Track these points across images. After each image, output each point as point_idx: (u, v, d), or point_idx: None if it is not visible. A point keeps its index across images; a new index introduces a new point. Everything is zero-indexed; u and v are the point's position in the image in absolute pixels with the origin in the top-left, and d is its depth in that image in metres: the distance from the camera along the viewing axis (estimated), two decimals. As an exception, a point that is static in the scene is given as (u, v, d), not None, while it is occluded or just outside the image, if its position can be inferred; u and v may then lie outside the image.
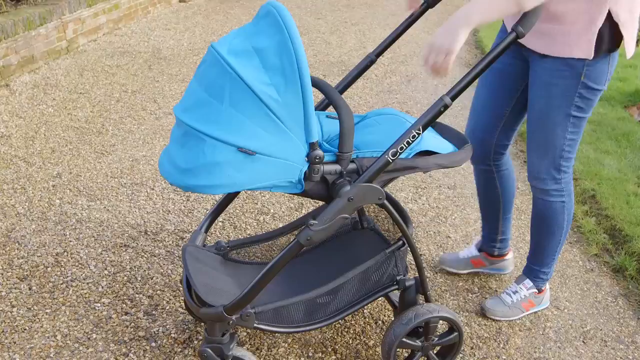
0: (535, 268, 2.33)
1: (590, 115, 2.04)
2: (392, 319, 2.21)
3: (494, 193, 2.36)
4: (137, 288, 2.39)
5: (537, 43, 1.97)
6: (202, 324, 2.19)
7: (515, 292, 2.35)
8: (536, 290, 2.35)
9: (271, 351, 2.12)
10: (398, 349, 1.93)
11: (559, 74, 1.93)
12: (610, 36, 1.86)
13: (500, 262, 2.53)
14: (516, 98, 2.16)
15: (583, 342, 2.30)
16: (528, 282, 2.35)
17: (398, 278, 1.93)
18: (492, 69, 2.14)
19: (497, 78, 2.16)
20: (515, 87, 2.13)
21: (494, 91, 2.18)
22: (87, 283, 2.41)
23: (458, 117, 4.29)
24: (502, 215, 2.41)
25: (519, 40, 2.02)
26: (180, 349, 2.10)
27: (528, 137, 2.12)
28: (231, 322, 1.75)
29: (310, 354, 2.13)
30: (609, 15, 1.82)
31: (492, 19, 1.63)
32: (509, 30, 2.06)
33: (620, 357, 2.25)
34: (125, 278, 2.45)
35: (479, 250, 2.52)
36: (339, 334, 2.23)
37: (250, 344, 2.15)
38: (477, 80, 2.25)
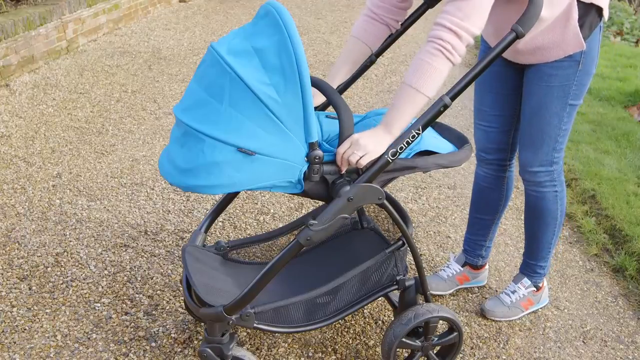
0: (532, 263, 2.33)
1: (582, 103, 2.07)
2: (392, 319, 2.21)
3: (498, 194, 2.36)
4: (137, 288, 2.39)
5: (531, 58, 2.00)
6: (202, 324, 2.19)
7: (513, 292, 2.35)
8: (534, 289, 2.36)
9: (271, 351, 2.12)
10: (398, 349, 1.93)
11: (558, 64, 1.96)
12: (590, 16, 1.89)
13: (481, 274, 2.52)
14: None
15: (583, 342, 2.30)
16: (526, 281, 2.35)
17: (398, 278, 1.93)
18: (492, 74, 2.14)
19: (500, 81, 2.16)
20: (520, 84, 2.14)
21: (500, 95, 2.18)
22: (87, 283, 2.41)
23: (458, 117, 4.29)
24: (497, 219, 2.42)
25: (512, 60, 2.04)
26: (180, 349, 2.10)
27: (522, 132, 2.13)
28: (231, 322, 1.75)
29: (310, 354, 2.13)
30: (579, 1, 1.86)
31: (409, 122, 1.69)
32: (492, 45, 2.07)
33: (620, 357, 2.25)
34: (125, 278, 2.45)
35: (462, 265, 2.49)
36: (339, 334, 2.23)
37: (250, 344, 2.15)
38: (476, 90, 2.26)
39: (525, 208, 2.25)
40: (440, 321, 1.95)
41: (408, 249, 1.91)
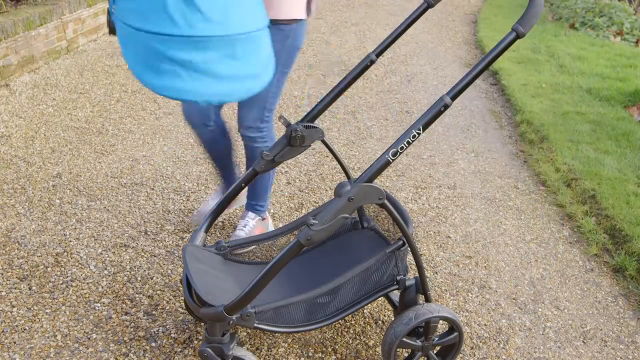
0: (253, 203, 2.67)
1: (290, 72, 2.37)
2: (392, 318, 2.21)
3: (228, 144, 2.62)
4: (137, 288, 2.39)
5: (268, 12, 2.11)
6: (202, 323, 2.19)
7: (245, 226, 2.66)
8: (260, 218, 2.69)
9: (271, 351, 2.12)
10: (398, 349, 1.93)
11: (276, 38, 2.09)
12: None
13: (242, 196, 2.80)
14: None
15: (583, 342, 2.31)
16: (252, 214, 2.67)
17: (398, 278, 1.93)
18: None
19: None
20: None
21: None
22: (87, 283, 2.41)
23: (458, 117, 4.29)
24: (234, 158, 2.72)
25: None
26: (180, 349, 2.10)
27: None
28: (231, 321, 1.75)
29: (310, 354, 2.13)
30: None
31: None
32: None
33: (620, 357, 2.25)
34: (125, 278, 2.45)
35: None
36: (339, 334, 2.23)
37: (250, 344, 2.15)
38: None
39: (246, 159, 2.57)
40: (441, 321, 1.95)
41: (408, 248, 1.91)
